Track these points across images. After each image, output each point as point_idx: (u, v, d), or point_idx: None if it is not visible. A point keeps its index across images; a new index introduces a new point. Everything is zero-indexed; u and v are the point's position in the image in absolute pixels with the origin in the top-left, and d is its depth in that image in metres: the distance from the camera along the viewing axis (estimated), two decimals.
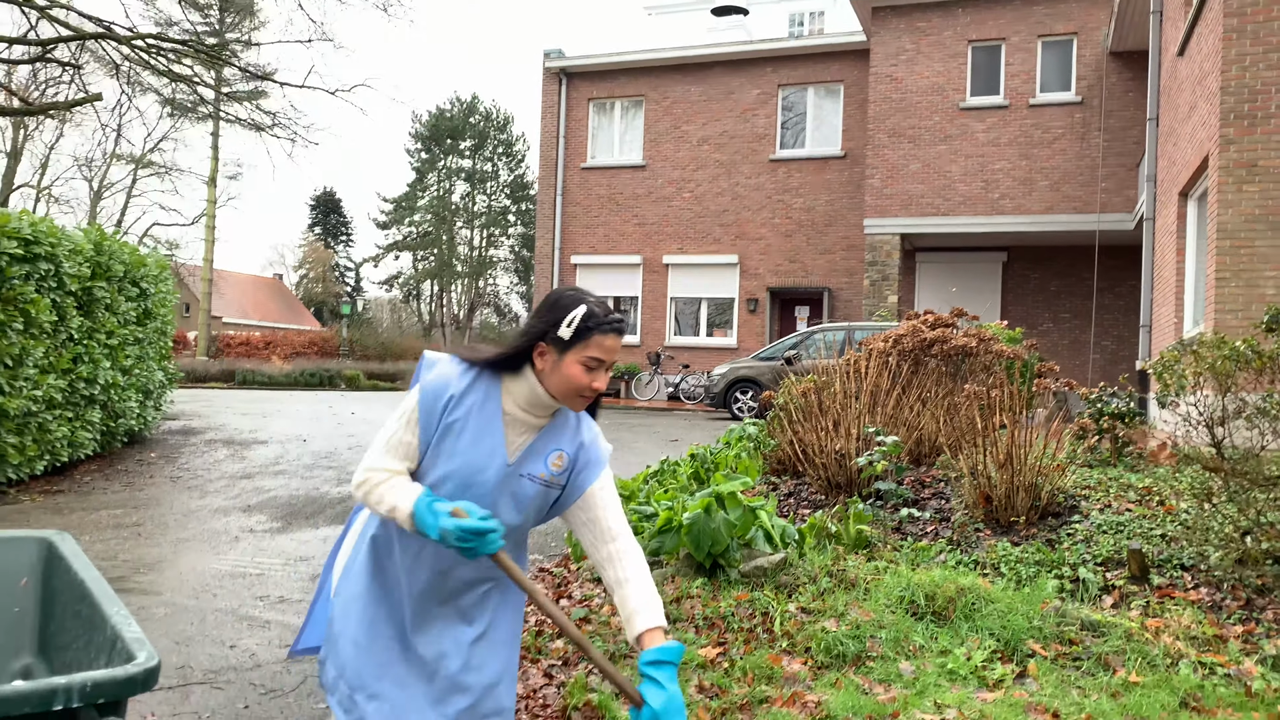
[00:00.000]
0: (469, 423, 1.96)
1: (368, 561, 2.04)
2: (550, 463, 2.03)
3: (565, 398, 1.98)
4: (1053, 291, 18.86)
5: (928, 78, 17.75)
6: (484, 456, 1.97)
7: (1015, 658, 3.81)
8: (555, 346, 1.93)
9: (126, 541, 6.08)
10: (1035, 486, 5.32)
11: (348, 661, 1.98)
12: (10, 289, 7.21)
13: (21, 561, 2.31)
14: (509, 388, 2.00)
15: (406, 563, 2.00)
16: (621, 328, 1.98)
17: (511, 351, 1.98)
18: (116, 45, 15.21)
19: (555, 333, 1.92)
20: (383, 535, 2.03)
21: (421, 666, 2.00)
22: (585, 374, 1.94)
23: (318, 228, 65.18)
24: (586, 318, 1.92)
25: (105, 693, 1.61)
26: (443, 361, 2.01)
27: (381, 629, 2.00)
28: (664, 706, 1.78)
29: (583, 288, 2.08)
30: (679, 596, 4.44)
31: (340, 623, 2.02)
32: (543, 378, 1.97)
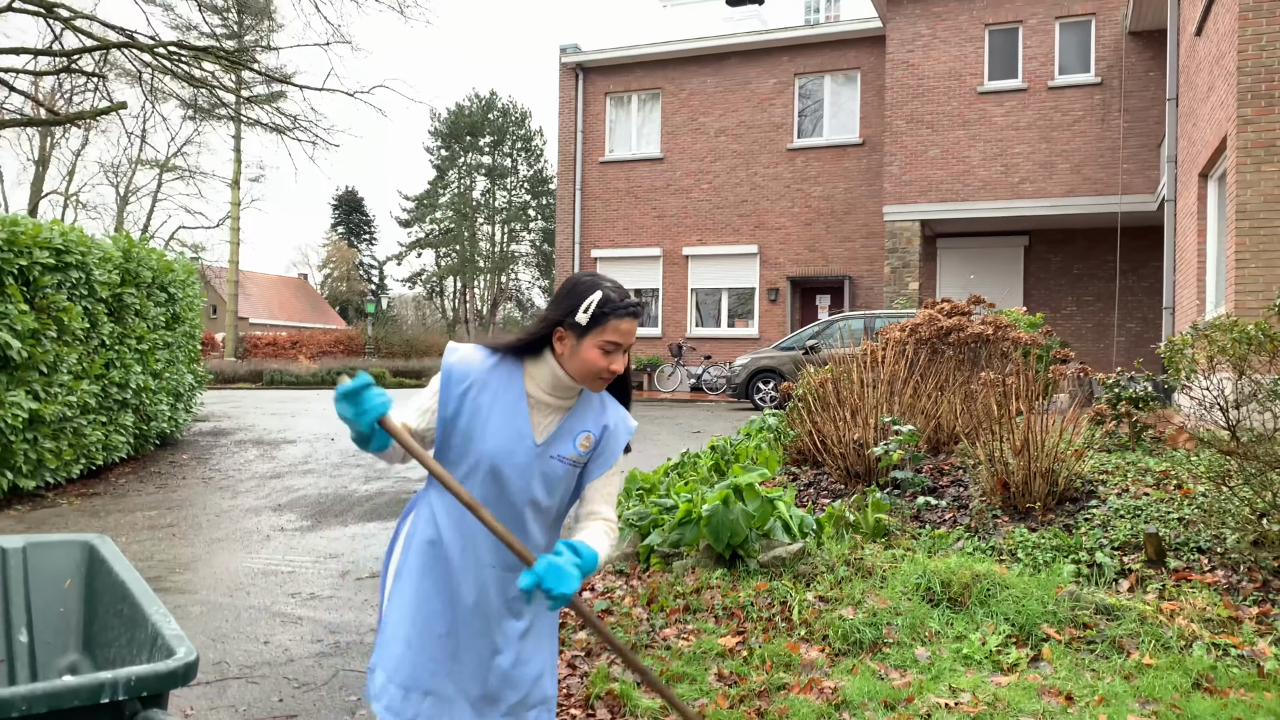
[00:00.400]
0: (495, 407, 2.03)
1: (419, 562, 2.08)
2: (578, 443, 2.10)
3: (585, 380, 2.05)
4: (1075, 275, 18.74)
5: (945, 63, 17.66)
6: (512, 439, 2.03)
7: (1030, 642, 3.87)
8: (573, 331, 2.00)
9: (162, 542, 6.24)
10: (1052, 472, 5.36)
11: (400, 662, 2.03)
12: (43, 298, 7.39)
13: (65, 564, 2.42)
14: (530, 372, 2.08)
15: (457, 557, 2.05)
16: (637, 311, 2.04)
17: (531, 337, 2.05)
18: (139, 53, 15.44)
19: (573, 318, 1.99)
20: (433, 535, 2.08)
21: (475, 663, 2.05)
22: (603, 357, 2.01)
23: (341, 227, 65.65)
24: (603, 303, 1.98)
25: (148, 686, 1.72)
26: (465, 349, 2.09)
27: (434, 627, 2.04)
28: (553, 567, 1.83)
29: (599, 273, 2.14)
30: (699, 587, 4.52)
31: (393, 626, 2.07)
32: (562, 361, 2.05)
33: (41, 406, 7.25)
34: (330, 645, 4.23)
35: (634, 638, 4.05)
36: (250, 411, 14.34)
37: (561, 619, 4.36)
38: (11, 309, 6.92)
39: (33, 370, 7.22)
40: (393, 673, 2.03)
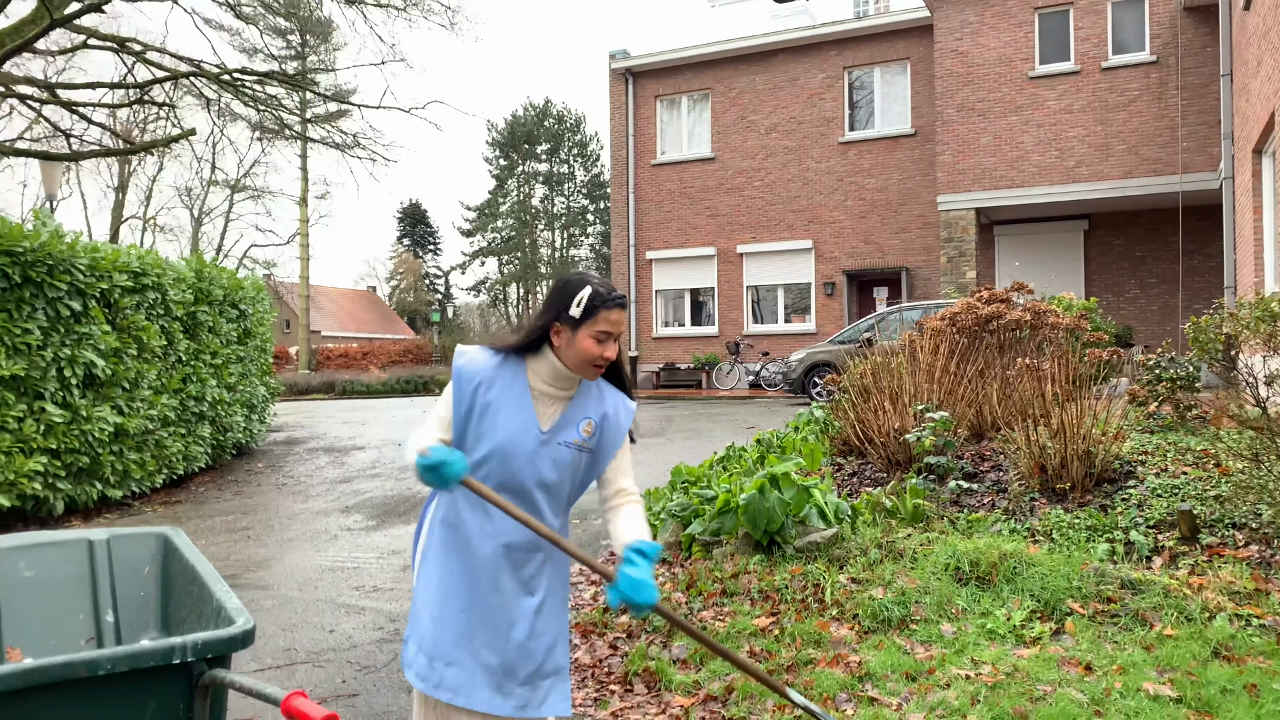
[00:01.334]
0: (503, 401, 2.27)
1: (440, 543, 2.33)
2: (582, 429, 2.33)
3: (581, 368, 2.28)
4: (1138, 257, 18.40)
5: (995, 49, 17.51)
6: (520, 429, 2.26)
7: (1054, 617, 3.99)
8: (568, 325, 2.24)
9: (238, 543, 6.64)
10: (1089, 454, 5.43)
11: (426, 634, 2.27)
12: (124, 318, 7.88)
13: (143, 553, 2.73)
14: (532, 367, 2.31)
15: (474, 538, 2.28)
16: (623, 303, 2.27)
17: (532, 335, 2.28)
18: (206, 81, 16.14)
19: (567, 313, 2.23)
20: (452, 517, 2.31)
21: (492, 635, 2.27)
22: (596, 345, 2.24)
23: (406, 239, 67.04)
24: (593, 296, 2.22)
25: (212, 649, 2.00)
26: (471, 350, 2.35)
27: (457, 602, 2.27)
28: (635, 578, 2.08)
29: (586, 271, 2.39)
30: (736, 573, 4.71)
31: (420, 601, 2.32)
32: (559, 353, 2.28)
33: (125, 420, 7.73)
34: (390, 632, 4.53)
35: None
36: (322, 421, 14.89)
37: (606, 604, 4.60)
38: (96, 330, 7.41)
39: (116, 387, 7.70)
40: (421, 642, 2.28)
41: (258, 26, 19.46)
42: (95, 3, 11.88)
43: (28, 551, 2.60)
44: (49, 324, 7.05)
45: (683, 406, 16.77)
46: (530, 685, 2.29)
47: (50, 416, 6.99)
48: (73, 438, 7.21)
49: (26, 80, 15.08)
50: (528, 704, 2.27)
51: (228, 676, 2.00)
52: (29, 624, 2.54)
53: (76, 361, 7.22)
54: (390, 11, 16.27)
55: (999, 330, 6.98)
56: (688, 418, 14.30)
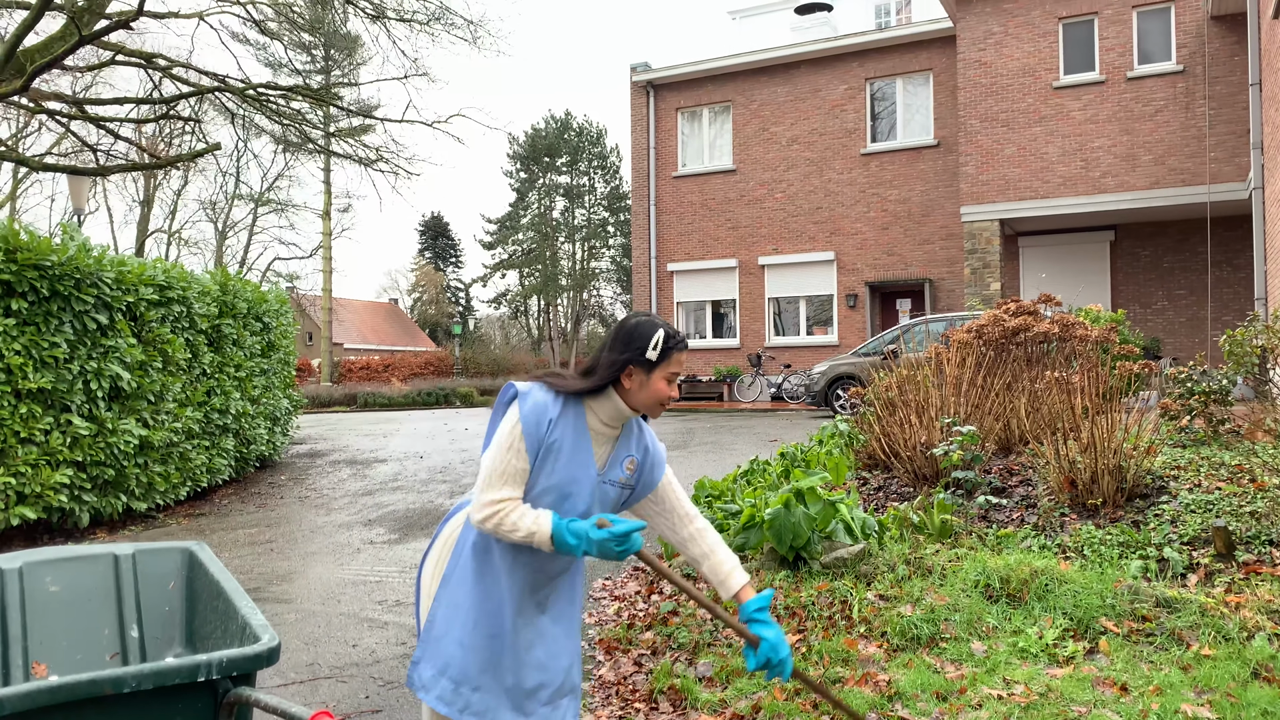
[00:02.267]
0: (565, 441, 2.25)
1: (470, 568, 2.30)
2: (625, 467, 2.35)
3: (650, 408, 2.31)
4: (1166, 268, 18.21)
5: (1018, 59, 17.41)
6: (580, 469, 2.27)
7: (1087, 635, 3.91)
8: (643, 368, 2.25)
9: (261, 556, 6.65)
10: (1120, 469, 5.34)
11: (453, 660, 2.25)
12: (150, 331, 7.93)
13: (169, 568, 2.72)
14: (592, 407, 2.31)
15: (507, 566, 2.28)
16: (688, 344, 2.39)
17: (606, 379, 2.27)
18: (231, 96, 16.30)
19: (644, 355, 2.24)
20: (481, 543, 2.30)
21: (515, 658, 2.27)
22: (668, 387, 2.29)
23: (428, 252, 67.36)
24: (667, 340, 2.26)
25: (237, 667, 1.98)
26: (535, 390, 2.28)
27: (484, 628, 2.27)
28: (775, 639, 2.22)
29: (650, 313, 2.38)
30: (762, 588, 4.66)
31: (444, 625, 2.29)
32: (627, 395, 2.28)
33: (150, 433, 7.77)
34: (413, 647, 4.49)
35: (698, 637, 4.22)
36: (345, 433, 14.94)
37: (630, 620, 4.55)
38: (122, 343, 7.46)
39: (141, 399, 7.75)
40: (444, 668, 2.26)
41: (282, 42, 19.65)
42: (124, 20, 12.02)
43: (54, 566, 2.59)
44: (76, 337, 7.10)
45: (704, 419, 16.71)
46: (551, 705, 2.31)
47: (76, 429, 7.03)
48: (98, 450, 7.25)
49: (55, 96, 15.28)
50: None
51: (253, 695, 1.98)
52: (55, 639, 2.53)
53: (103, 374, 7.27)
54: (413, 26, 16.38)
55: (1026, 343, 6.90)
56: (709, 430, 14.25)
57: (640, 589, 5.27)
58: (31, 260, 6.71)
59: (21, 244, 6.71)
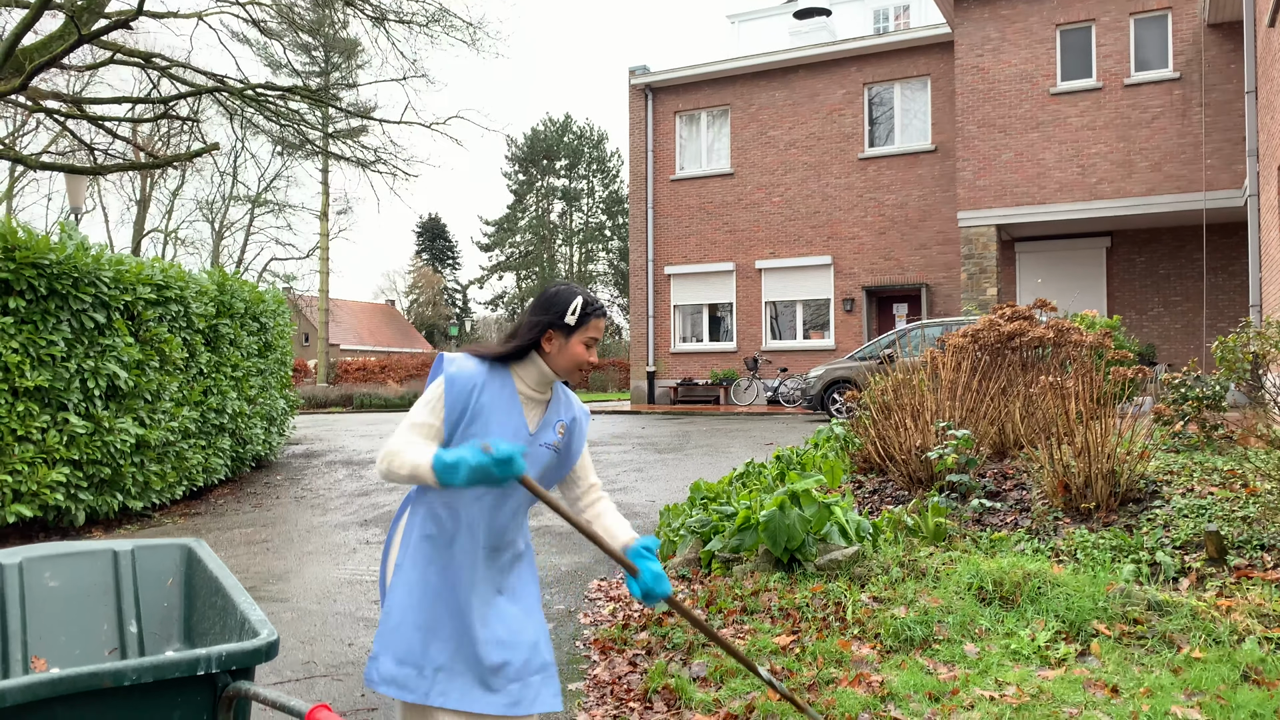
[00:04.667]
0: (495, 406, 2.35)
1: (423, 555, 2.34)
2: (557, 430, 2.46)
3: (569, 372, 2.42)
4: (1161, 275, 18.27)
5: (1015, 65, 17.48)
6: (513, 431, 2.36)
7: (1079, 638, 3.94)
8: (562, 332, 2.36)
9: (257, 556, 6.66)
10: (1114, 474, 5.37)
11: (412, 644, 2.29)
12: (146, 330, 7.94)
13: (167, 564, 2.74)
14: (518, 373, 2.41)
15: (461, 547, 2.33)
16: (605, 311, 2.44)
17: (526, 341, 2.38)
18: (230, 96, 16.31)
19: (562, 320, 2.35)
20: (437, 531, 2.35)
21: (475, 636, 2.30)
22: (585, 351, 2.39)
23: (425, 253, 67.38)
24: (585, 305, 2.37)
25: (236, 661, 2.00)
26: (461, 358, 2.38)
27: (442, 610, 2.32)
28: (656, 570, 2.29)
29: (570, 282, 2.54)
30: (757, 590, 4.68)
31: (399, 614, 2.32)
32: (549, 359, 2.39)
33: (147, 432, 7.78)
34: None
35: (692, 638, 4.24)
36: (341, 434, 14.94)
37: (625, 620, 4.57)
38: (119, 341, 7.47)
39: (138, 398, 7.76)
40: (405, 655, 2.29)
41: (282, 42, 19.66)
42: (123, 19, 12.04)
43: (53, 561, 2.61)
44: (73, 336, 7.11)
45: (700, 422, 16.74)
46: (520, 682, 2.33)
47: (73, 428, 7.04)
48: (95, 449, 7.26)
49: (53, 95, 15.29)
50: (520, 700, 2.31)
51: (251, 689, 1.99)
52: (54, 634, 2.55)
53: (100, 373, 7.28)
54: (412, 28, 16.41)
55: (1021, 347, 6.93)
56: (705, 433, 14.27)
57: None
58: (29, 258, 6.72)
59: (20, 242, 6.73)
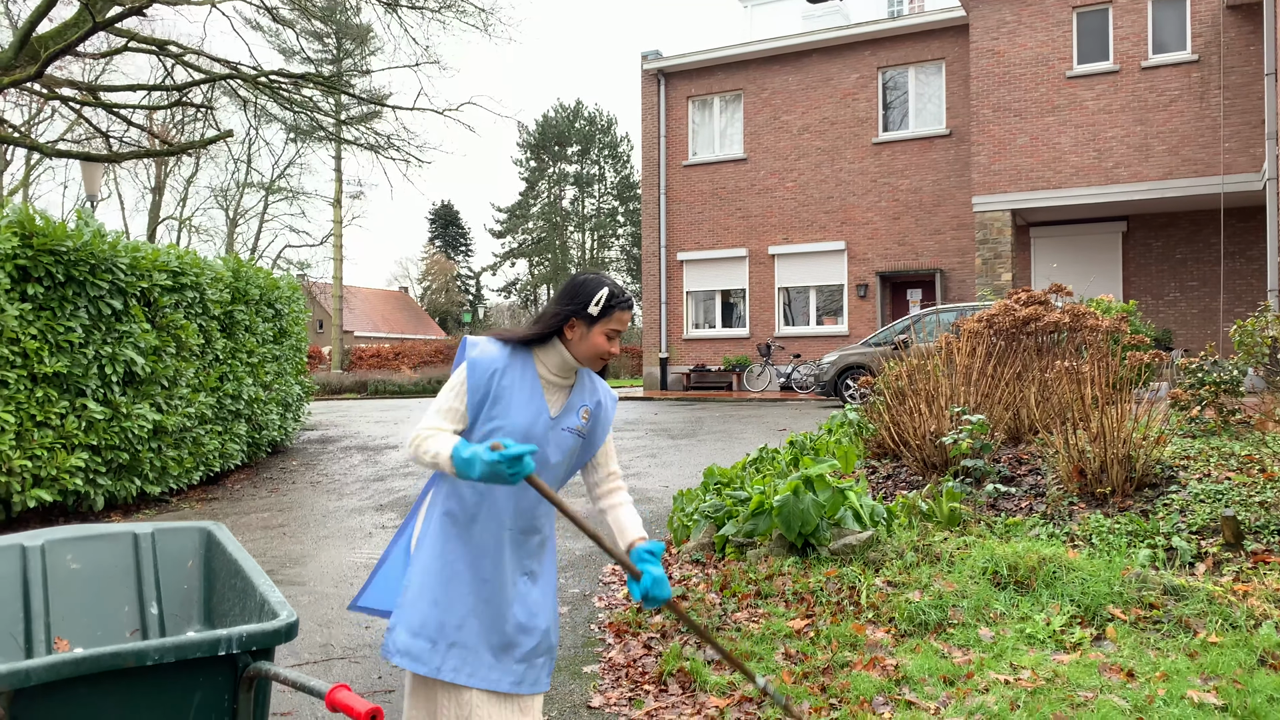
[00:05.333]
0: (516, 389, 2.37)
1: (442, 531, 2.37)
2: (580, 415, 2.47)
3: (590, 361, 2.42)
4: (1178, 259, 18.13)
5: (1031, 48, 17.32)
6: (534, 414, 2.38)
7: (1095, 622, 3.93)
8: (585, 321, 2.37)
9: (274, 540, 6.71)
10: (1129, 459, 5.35)
11: (428, 618, 2.31)
12: (163, 317, 7.99)
13: (187, 547, 2.76)
14: (540, 358, 2.43)
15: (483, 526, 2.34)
16: (632, 303, 2.44)
17: (549, 328, 2.39)
18: (243, 83, 16.34)
19: (585, 310, 2.36)
20: (459, 509, 2.37)
21: (494, 617, 2.33)
22: (607, 342, 2.39)
23: (438, 240, 67.45)
24: (610, 297, 2.37)
25: (256, 642, 2.02)
26: (484, 341, 2.41)
27: (460, 586, 2.34)
28: (658, 575, 2.26)
29: (600, 271, 2.51)
30: (771, 574, 4.69)
31: (418, 589, 2.35)
32: (571, 346, 2.40)
33: (164, 418, 7.84)
34: None
35: (708, 621, 4.25)
36: (355, 420, 15.01)
37: (640, 604, 4.59)
38: (136, 328, 7.51)
39: (155, 384, 7.81)
40: (420, 628, 2.31)
41: (294, 30, 19.66)
42: (137, 6, 12.06)
43: (75, 544, 2.63)
44: (91, 322, 7.16)
45: (713, 408, 16.74)
46: (527, 663, 2.37)
47: (91, 413, 7.10)
48: (113, 434, 7.32)
49: (68, 83, 15.34)
50: (523, 680, 2.35)
51: (272, 669, 2.01)
52: (76, 616, 2.58)
53: (117, 359, 7.33)
54: (425, 14, 16.37)
55: (1036, 332, 6.90)
56: (718, 419, 14.28)
57: None
58: (47, 245, 6.76)
59: (38, 229, 6.77)
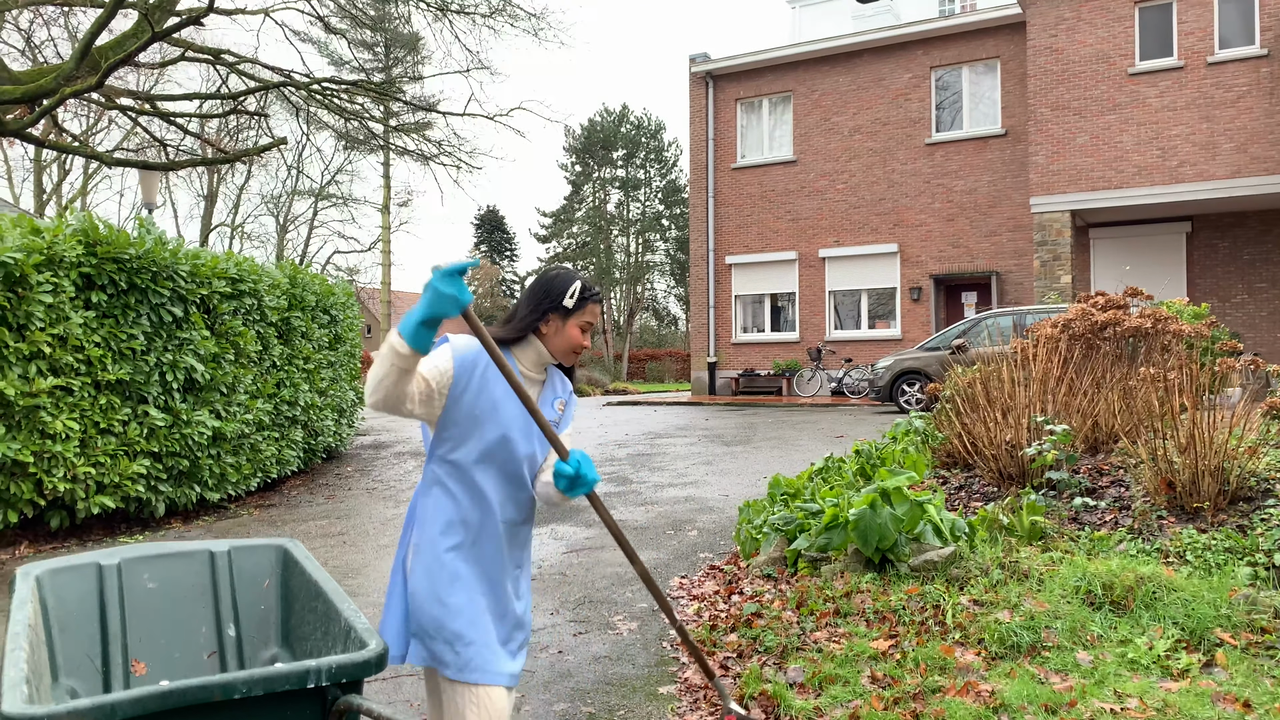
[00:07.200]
0: (498, 385, 2.37)
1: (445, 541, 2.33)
2: (555, 407, 2.53)
3: (564, 355, 2.48)
4: (1245, 260, 17.58)
5: (1091, 45, 16.91)
6: (518, 411, 2.40)
7: (1201, 647, 3.71)
8: (560, 315, 2.43)
9: (334, 549, 6.66)
10: (1222, 470, 5.10)
11: (443, 622, 2.28)
12: (222, 324, 8.00)
13: (264, 566, 2.67)
14: (517, 355, 2.47)
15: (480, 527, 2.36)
16: (601, 298, 2.52)
17: (527, 325, 2.44)
18: (295, 90, 16.47)
19: (560, 304, 2.42)
20: (456, 516, 2.34)
21: (499, 611, 2.38)
22: (580, 335, 2.46)
23: (483, 245, 67.80)
24: (583, 289, 2.44)
25: (346, 674, 1.91)
26: (465, 338, 2.38)
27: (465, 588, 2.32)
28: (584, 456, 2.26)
29: (567, 267, 2.55)
30: (849, 591, 4.52)
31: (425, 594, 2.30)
32: (546, 341, 2.46)
33: (223, 424, 7.84)
34: None
35: (785, 640, 4.09)
36: (406, 425, 15.02)
37: (713, 622, 4.44)
38: (196, 335, 7.53)
39: (214, 391, 7.82)
40: (436, 631, 2.28)
41: (346, 38, 19.80)
42: (195, 16, 12.17)
43: (151, 562, 2.55)
44: (152, 329, 7.18)
45: (764, 413, 16.53)
46: (521, 651, 2.45)
47: (153, 420, 7.11)
48: (173, 441, 7.33)
49: (127, 93, 15.57)
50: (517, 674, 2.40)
51: (363, 704, 1.90)
52: (153, 637, 2.49)
53: (178, 366, 7.34)
54: (475, 20, 16.38)
55: (1116, 338, 6.64)
56: (771, 425, 14.08)
57: (719, 588, 5.16)
58: (110, 253, 6.79)
59: (101, 237, 6.80)
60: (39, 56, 16.94)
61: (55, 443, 6.38)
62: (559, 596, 5.26)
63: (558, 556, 6.14)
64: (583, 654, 4.30)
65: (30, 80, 12.34)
